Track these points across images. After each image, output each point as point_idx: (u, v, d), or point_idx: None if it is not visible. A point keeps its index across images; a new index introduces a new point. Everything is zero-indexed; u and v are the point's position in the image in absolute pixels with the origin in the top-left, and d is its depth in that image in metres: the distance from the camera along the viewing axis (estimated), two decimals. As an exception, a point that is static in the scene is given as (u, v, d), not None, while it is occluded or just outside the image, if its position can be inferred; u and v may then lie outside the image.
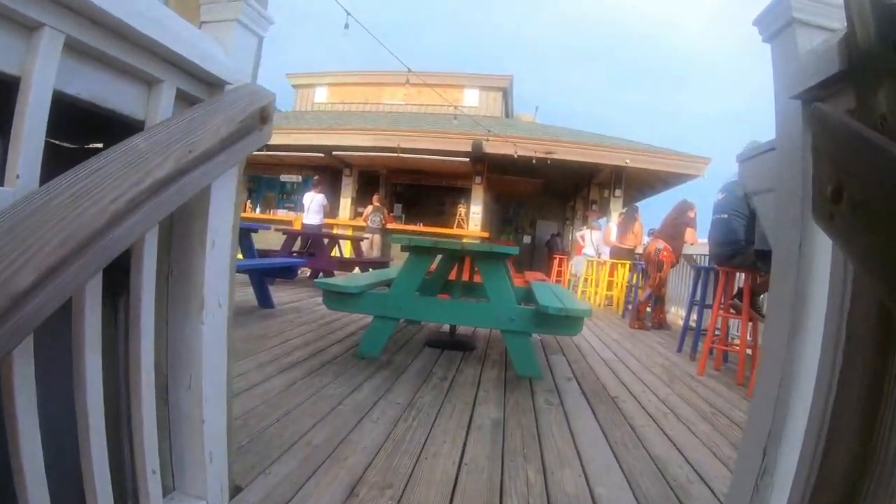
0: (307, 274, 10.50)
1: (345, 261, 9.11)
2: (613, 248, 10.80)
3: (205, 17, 1.57)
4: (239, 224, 1.77)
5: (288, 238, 9.29)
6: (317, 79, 22.02)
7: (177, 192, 1.17)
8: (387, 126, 14.95)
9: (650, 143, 14.81)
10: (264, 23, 1.67)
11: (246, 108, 1.40)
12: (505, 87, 21.21)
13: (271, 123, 1.54)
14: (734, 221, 4.87)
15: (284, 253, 9.18)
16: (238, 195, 1.68)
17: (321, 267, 8.99)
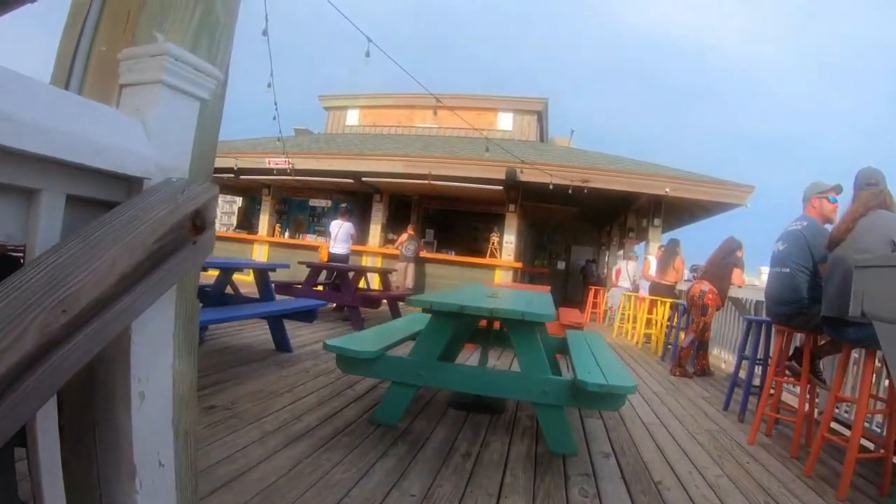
0: (332, 306, 10.16)
1: (372, 296, 8.73)
2: (653, 284, 10.32)
3: (125, 79, 1.20)
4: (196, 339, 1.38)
5: (312, 272, 8.96)
6: (349, 101, 21.89)
7: (51, 372, 0.79)
8: (418, 152, 14.63)
9: (691, 171, 14.21)
10: (207, 80, 1.28)
11: (165, 219, 1.01)
12: (540, 111, 20.84)
13: (213, 230, 1.15)
14: (798, 277, 4.40)
15: (308, 287, 8.85)
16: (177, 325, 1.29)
17: (346, 303, 8.63)
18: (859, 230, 3.72)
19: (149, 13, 1.23)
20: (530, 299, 4.26)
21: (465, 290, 4.63)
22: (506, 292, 4.89)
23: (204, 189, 1.14)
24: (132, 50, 1.17)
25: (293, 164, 14.74)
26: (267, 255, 16.40)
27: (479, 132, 14.17)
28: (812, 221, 4.57)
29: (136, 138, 1.10)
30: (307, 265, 9.04)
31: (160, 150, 1.16)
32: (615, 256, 20.38)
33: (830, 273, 3.85)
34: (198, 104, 1.30)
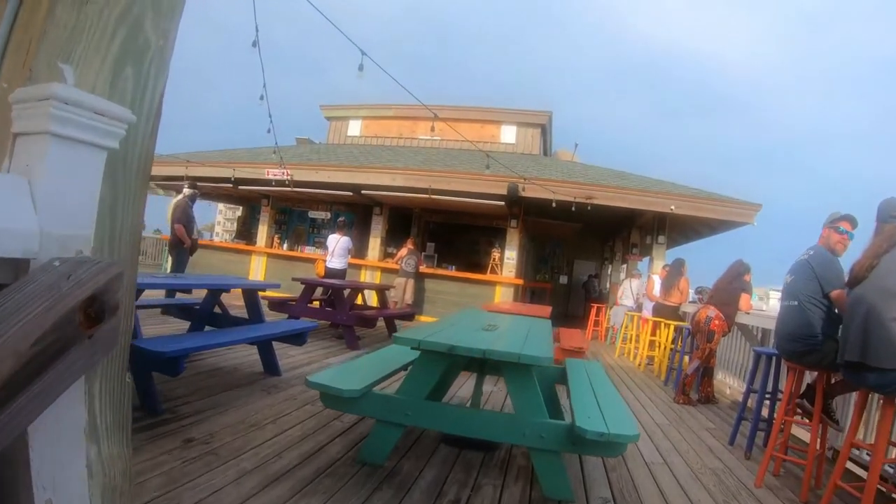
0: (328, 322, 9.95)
1: (367, 315, 8.50)
2: (657, 305, 10.08)
3: (17, 126, 0.97)
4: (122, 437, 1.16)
5: (306, 288, 8.74)
6: (351, 111, 21.75)
7: None
8: (418, 165, 14.43)
9: (697, 188, 14.01)
10: (115, 125, 1.04)
11: (44, 316, 0.78)
12: (543, 124, 20.66)
13: (117, 318, 0.93)
14: (808, 311, 4.17)
15: (302, 304, 8.63)
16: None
17: (340, 321, 8.41)
18: (883, 268, 3.50)
19: (53, 41, 0.99)
20: (529, 331, 4.03)
21: (460, 320, 4.40)
22: (503, 321, 4.65)
23: (102, 268, 0.89)
24: (22, 91, 0.95)
25: (292, 176, 14.57)
26: (265, 267, 16.21)
27: (478, 148, 13.91)
28: (819, 251, 4.36)
29: (17, 207, 0.88)
30: (301, 282, 8.82)
31: (51, 217, 0.92)
32: (618, 272, 20.18)
33: (851, 313, 3.61)
34: (104, 155, 1.07)
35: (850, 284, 3.73)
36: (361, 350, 8.03)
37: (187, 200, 10.04)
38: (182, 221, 9.78)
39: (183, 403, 4.48)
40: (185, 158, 16.62)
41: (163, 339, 4.56)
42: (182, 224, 9.75)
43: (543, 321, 4.73)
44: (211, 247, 17.71)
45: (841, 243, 4.35)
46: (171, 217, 9.99)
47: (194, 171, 15.89)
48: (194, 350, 4.36)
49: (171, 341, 4.31)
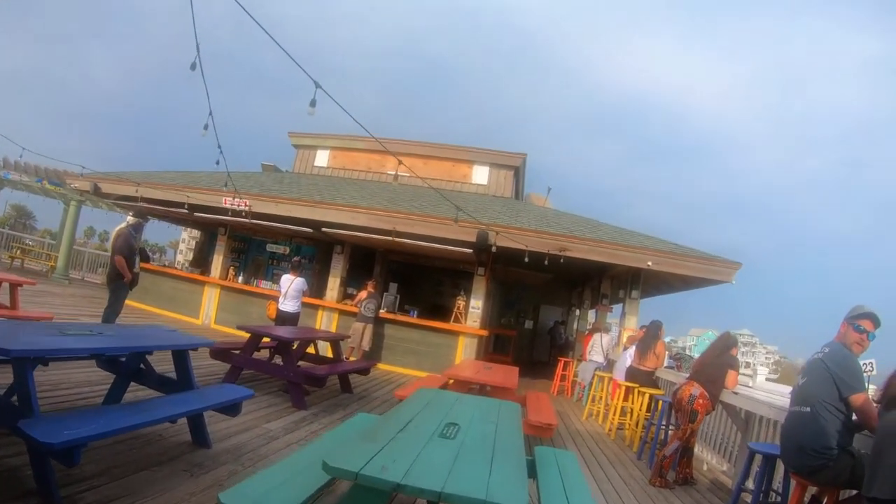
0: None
1: (318, 374, 7.70)
2: (630, 369, 9.50)
3: None
4: None
5: (252, 338, 7.96)
6: (319, 141, 21.02)
7: None
8: (383, 205, 13.66)
9: (675, 243, 13.45)
10: None
11: None
12: (517, 166, 20.19)
13: None
14: (825, 420, 3.57)
15: (246, 355, 7.84)
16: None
17: (286, 378, 7.63)
18: None
19: None
20: (496, 439, 3.30)
21: (415, 416, 3.64)
22: (466, 412, 3.93)
23: None
24: None
25: (250, 207, 13.79)
26: (217, 300, 15.36)
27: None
28: (837, 348, 3.79)
29: None
30: (246, 330, 8.03)
31: None
32: (585, 320, 19.63)
33: (886, 442, 3.00)
34: None
35: (885, 405, 3.13)
36: (308, 410, 7.26)
37: (130, 230, 9.15)
38: (123, 252, 8.89)
39: (88, 489, 3.70)
40: (136, 180, 15.69)
41: (60, 419, 3.75)
42: (123, 255, 8.86)
43: (512, 412, 4.02)
44: (163, 273, 16.86)
45: (859, 344, 3.81)
46: (112, 246, 9.13)
47: (148, 194, 15.04)
48: (96, 437, 3.57)
49: (69, 423, 3.52)
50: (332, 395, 8.58)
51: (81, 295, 16.14)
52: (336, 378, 9.02)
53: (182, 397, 4.93)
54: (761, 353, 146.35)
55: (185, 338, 5.76)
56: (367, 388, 9.85)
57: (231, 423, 5.91)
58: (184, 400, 4.81)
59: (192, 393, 5.17)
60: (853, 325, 3.84)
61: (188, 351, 5.41)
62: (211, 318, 15.24)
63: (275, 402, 7.43)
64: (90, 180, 16.09)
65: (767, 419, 6.16)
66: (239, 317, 14.50)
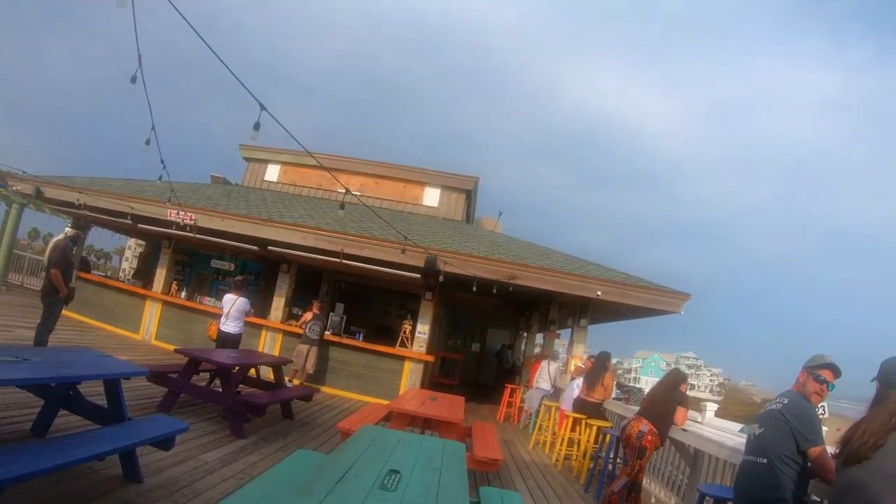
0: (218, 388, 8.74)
1: (258, 403, 7.36)
2: (577, 400, 9.40)
3: None
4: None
5: (189, 363, 7.60)
6: (270, 155, 20.55)
7: None
8: (331, 226, 13.34)
9: (625, 273, 13.42)
10: None
11: None
12: (469, 189, 20.13)
13: None
14: (779, 470, 3.49)
15: (184, 380, 7.49)
16: None
17: (225, 405, 7.30)
18: (890, 450, 2.81)
19: None
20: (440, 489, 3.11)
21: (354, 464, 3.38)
22: (409, 457, 3.70)
23: None
24: None
25: (195, 221, 13.32)
26: (159, 316, 14.74)
27: (407, 202, 13.06)
28: (795, 398, 3.71)
29: None
30: (184, 354, 7.67)
31: None
32: (533, 345, 19.58)
33: (843, 499, 2.93)
34: None
35: (845, 461, 3.03)
36: (247, 439, 6.94)
37: (68, 241, 8.71)
38: (59, 265, 8.43)
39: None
40: (80, 186, 14.93)
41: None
42: (59, 268, 8.40)
43: (456, 456, 3.81)
44: (104, 285, 16.19)
45: (819, 394, 3.76)
46: (48, 259, 8.65)
47: (91, 202, 14.35)
48: (16, 481, 3.21)
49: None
50: (273, 422, 8.24)
51: (19, 304, 15.41)
52: (280, 407, 8.69)
53: (111, 431, 4.61)
54: (706, 376, 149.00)
55: (116, 366, 5.42)
56: (310, 415, 9.52)
57: (165, 455, 5.55)
58: (113, 435, 4.48)
59: (122, 426, 4.84)
60: (813, 374, 3.77)
61: (119, 380, 5.09)
62: (152, 334, 14.62)
63: (213, 429, 7.09)
64: (33, 183, 15.34)
65: (717, 457, 6.07)
66: (181, 334, 14.07)
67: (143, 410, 7.11)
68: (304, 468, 3.70)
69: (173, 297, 15.31)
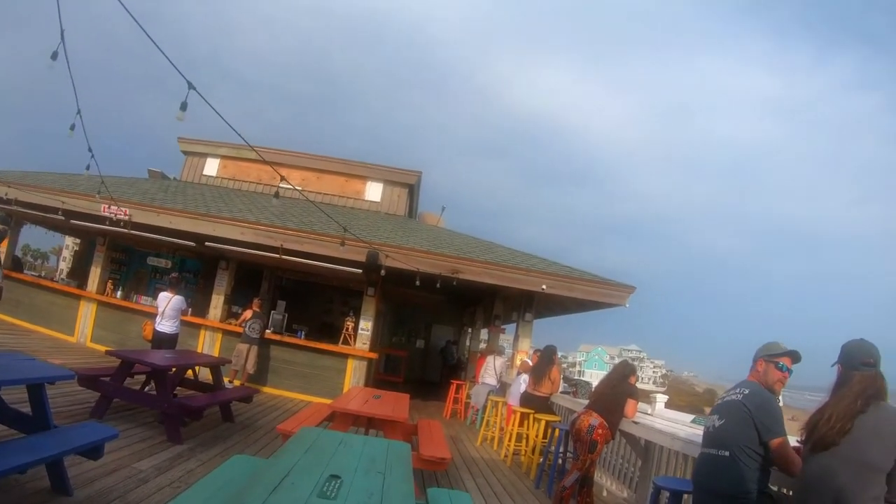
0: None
1: (194, 406, 7.00)
2: (525, 395, 9.27)
3: None
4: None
5: (122, 365, 7.18)
6: (210, 148, 19.83)
7: None
8: (271, 220, 12.92)
9: (569, 266, 13.37)
10: None
11: None
12: (412, 184, 19.88)
13: None
14: (744, 464, 3.35)
15: (116, 384, 7.07)
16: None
17: (160, 409, 6.92)
18: (860, 434, 2.71)
19: None
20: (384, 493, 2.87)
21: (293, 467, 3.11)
22: (350, 459, 3.44)
23: None
24: None
25: (130, 216, 12.71)
26: (94, 316, 14.06)
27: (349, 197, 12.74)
28: (756, 389, 3.58)
29: None
30: (116, 356, 7.25)
31: None
32: (478, 340, 19.47)
33: (813, 486, 2.84)
34: None
35: (812, 448, 2.91)
36: (184, 445, 6.57)
37: (-7, 239, 8.22)
38: (-19, 265, 7.94)
39: None
40: (9, 180, 14.00)
41: None
42: (-16, 268, 7.91)
43: (401, 457, 3.57)
44: (37, 285, 15.36)
45: (781, 382, 3.67)
46: None
47: (21, 196, 13.55)
48: None
49: None
50: (212, 426, 7.88)
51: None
52: (219, 409, 8.32)
53: (34, 441, 4.24)
54: (649, 368, 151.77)
55: (38, 369, 5.02)
56: (251, 416, 9.17)
57: (97, 464, 5.17)
58: (35, 445, 4.12)
59: (46, 435, 4.46)
60: (774, 363, 3.66)
61: (44, 385, 4.69)
62: (87, 335, 13.93)
63: (148, 435, 6.69)
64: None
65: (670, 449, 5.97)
66: (117, 335, 13.47)
67: (74, 417, 6.70)
68: (241, 475, 3.43)
69: (109, 296, 14.62)
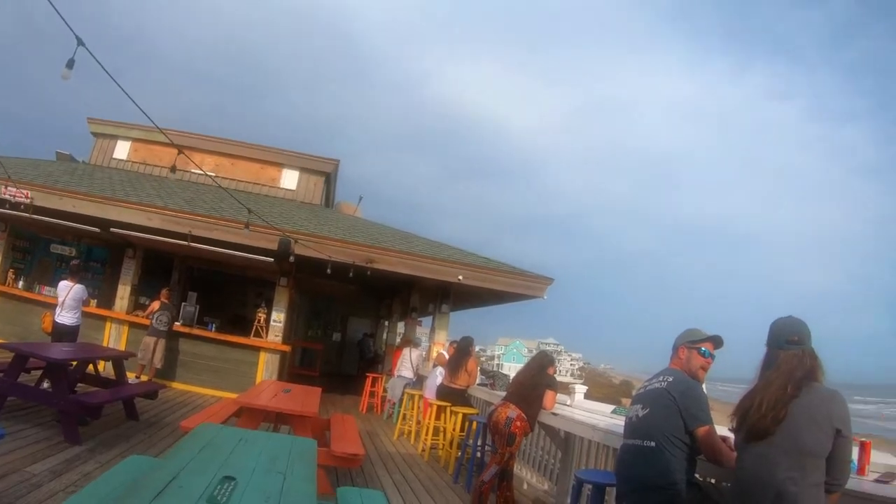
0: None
1: (93, 403, 6.50)
2: (441, 388, 9.09)
3: None
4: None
5: (15, 359, 6.61)
6: (120, 130, 18.74)
7: None
8: (180, 206, 12.33)
9: (487, 257, 13.34)
10: None
11: None
12: (329, 172, 19.45)
13: None
14: (670, 454, 3.23)
15: (9, 380, 6.50)
16: None
17: (56, 407, 6.40)
18: (796, 421, 2.60)
19: None
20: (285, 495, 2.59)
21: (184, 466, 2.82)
22: (249, 458, 3.13)
23: None
24: None
25: (32, 199, 11.86)
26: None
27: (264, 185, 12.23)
28: (679, 376, 3.47)
29: None
30: (9, 349, 6.70)
31: None
32: (395, 333, 19.27)
33: (751, 479, 2.74)
34: None
35: (745, 437, 2.79)
36: (83, 445, 6.06)
37: None
38: None
39: None
40: None
41: None
42: None
43: (305, 455, 3.29)
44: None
45: (704, 368, 3.59)
46: None
47: None
48: None
49: None
50: (115, 424, 7.35)
51: None
52: (123, 405, 7.79)
53: None
54: (567, 360, 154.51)
55: None
56: (158, 413, 8.66)
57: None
58: None
59: None
60: (698, 349, 3.57)
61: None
62: (-14, 330, 12.94)
63: (45, 435, 6.13)
64: None
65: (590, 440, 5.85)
66: (18, 328, 12.51)
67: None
68: (135, 478, 3.08)
69: (10, 287, 13.62)
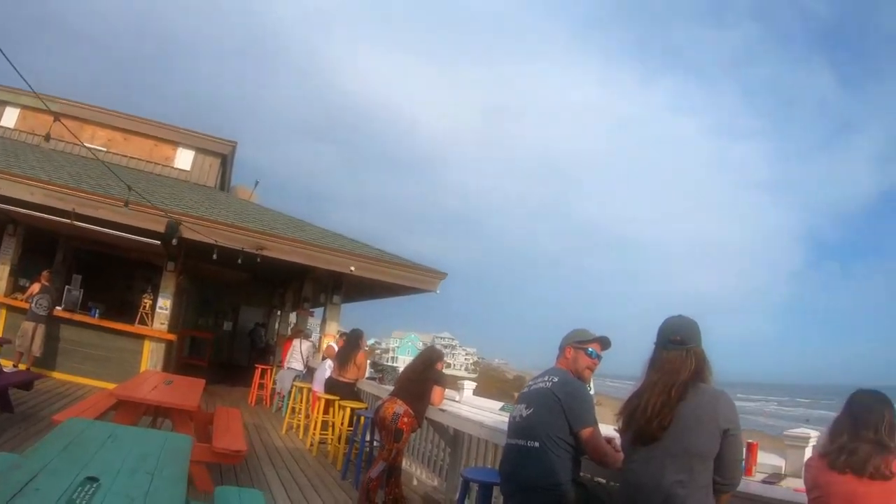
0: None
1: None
2: (329, 381, 8.96)
3: None
4: None
5: None
6: (9, 96, 17.18)
7: None
8: (64, 180, 11.56)
9: (380, 249, 13.28)
10: None
11: None
12: (225, 154, 18.91)
13: None
14: (555, 455, 3.25)
15: None
16: None
17: None
18: (684, 424, 2.65)
19: None
20: (150, 497, 2.43)
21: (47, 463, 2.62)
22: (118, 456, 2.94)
23: None
24: None
25: None
26: None
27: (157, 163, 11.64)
28: (564, 376, 3.50)
29: None
30: None
31: None
32: (287, 323, 18.97)
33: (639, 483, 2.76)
34: None
35: (633, 439, 2.81)
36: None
37: None
38: None
39: None
40: None
41: None
42: None
43: (177, 454, 3.11)
44: None
45: (591, 369, 3.63)
46: None
47: None
48: None
49: None
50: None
51: None
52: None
53: None
54: (461, 355, 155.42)
55: None
56: (35, 406, 8.12)
57: None
58: None
59: None
60: (585, 350, 3.61)
61: None
62: None
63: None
64: None
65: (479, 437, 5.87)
66: None
67: None
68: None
69: None
